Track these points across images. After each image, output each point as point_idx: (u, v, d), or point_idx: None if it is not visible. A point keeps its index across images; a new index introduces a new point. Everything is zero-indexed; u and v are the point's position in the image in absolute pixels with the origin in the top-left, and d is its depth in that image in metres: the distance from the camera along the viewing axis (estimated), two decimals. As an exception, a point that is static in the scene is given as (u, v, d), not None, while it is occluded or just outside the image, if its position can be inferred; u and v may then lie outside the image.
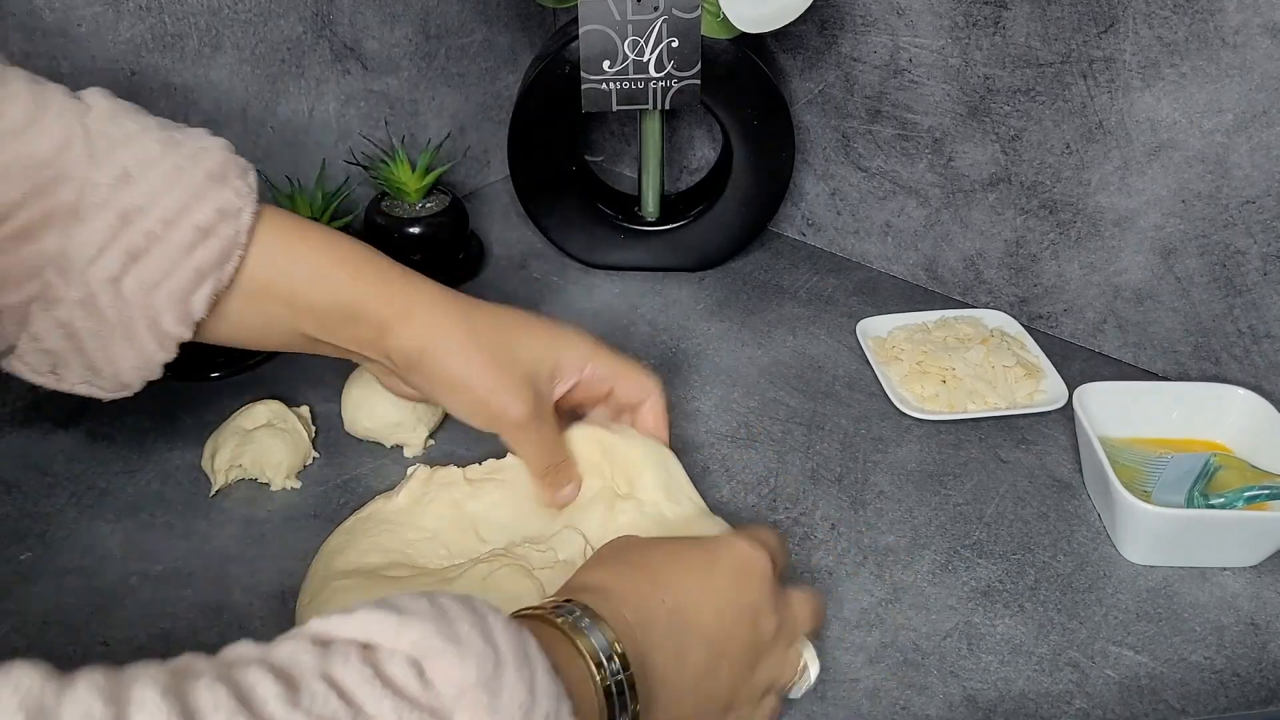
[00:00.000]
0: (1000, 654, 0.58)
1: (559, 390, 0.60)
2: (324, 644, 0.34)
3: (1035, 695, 0.56)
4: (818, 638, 0.56)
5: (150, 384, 0.68)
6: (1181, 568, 0.64)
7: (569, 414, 0.63)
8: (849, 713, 0.55)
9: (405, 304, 0.57)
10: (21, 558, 0.62)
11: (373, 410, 0.70)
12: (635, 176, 0.92)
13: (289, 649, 0.33)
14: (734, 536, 0.50)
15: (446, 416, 0.73)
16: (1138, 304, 0.79)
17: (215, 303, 0.54)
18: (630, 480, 0.61)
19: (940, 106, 0.83)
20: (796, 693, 0.53)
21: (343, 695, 0.32)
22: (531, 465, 0.60)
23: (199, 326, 0.54)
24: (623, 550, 0.49)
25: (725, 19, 0.76)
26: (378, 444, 0.71)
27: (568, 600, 0.43)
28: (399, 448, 0.71)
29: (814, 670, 0.53)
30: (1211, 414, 0.70)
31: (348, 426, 0.71)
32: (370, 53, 0.88)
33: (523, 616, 0.42)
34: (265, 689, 0.31)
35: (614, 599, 0.44)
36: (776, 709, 0.51)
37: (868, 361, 0.80)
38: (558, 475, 0.60)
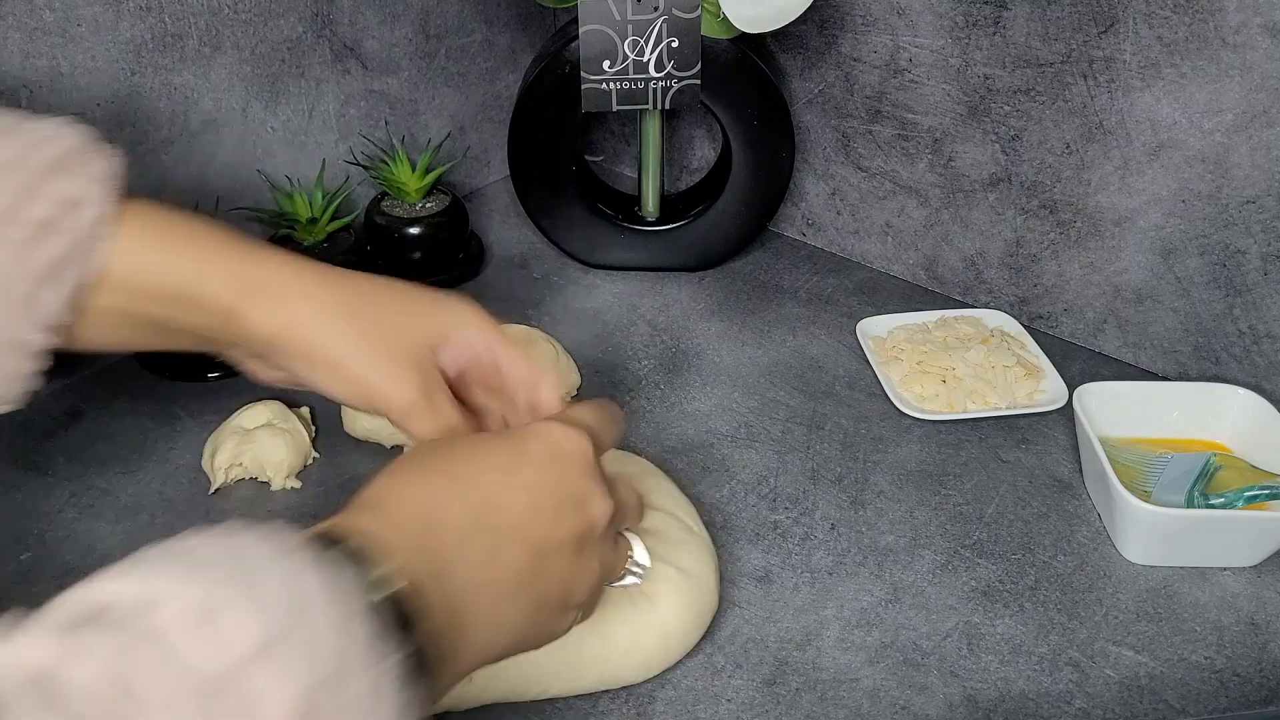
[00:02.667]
0: (1000, 654, 0.58)
1: (446, 363, 0.53)
2: (95, 615, 0.30)
3: (1035, 695, 0.56)
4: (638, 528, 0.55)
5: (149, 384, 0.67)
6: (1181, 568, 0.64)
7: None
8: (849, 713, 0.55)
9: (251, 284, 0.50)
10: (21, 558, 0.62)
11: (373, 410, 0.70)
12: (635, 176, 0.92)
13: (42, 646, 0.29)
14: (543, 423, 0.47)
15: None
16: (1138, 304, 0.79)
17: (79, 307, 0.48)
18: None
19: (940, 106, 0.83)
20: (628, 581, 0.53)
21: (121, 688, 0.28)
22: None
23: (68, 330, 0.49)
24: (420, 455, 0.46)
25: (725, 19, 0.76)
26: (378, 444, 0.71)
27: (321, 534, 0.38)
28: (399, 448, 0.71)
29: (644, 558, 0.53)
30: (1211, 414, 0.70)
31: (347, 427, 0.72)
32: (370, 53, 0.88)
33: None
34: (21, 704, 0.27)
35: (391, 510, 0.41)
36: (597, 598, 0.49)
37: (868, 361, 0.80)
38: None
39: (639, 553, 0.53)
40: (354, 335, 0.50)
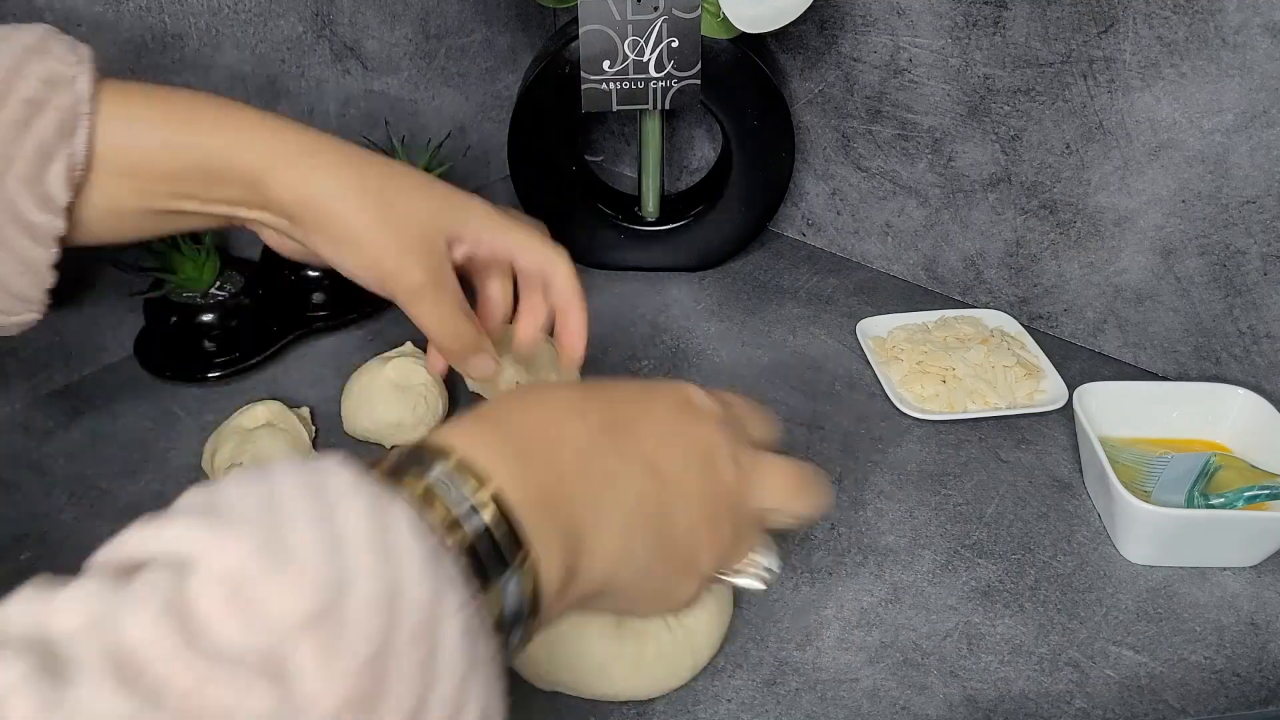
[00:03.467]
0: (1000, 654, 0.58)
1: (457, 255, 0.54)
2: (127, 573, 0.27)
3: (1035, 695, 0.56)
4: (801, 519, 0.46)
5: (149, 384, 0.67)
6: (1181, 568, 0.64)
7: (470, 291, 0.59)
8: (849, 713, 0.55)
9: (276, 151, 0.51)
10: (21, 557, 0.62)
11: (372, 411, 0.70)
12: (635, 176, 0.92)
13: (71, 611, 0.26)
14: (677, 381, 0.45)
15: (448, 416, 0.73)
16: (1138, 304, 0.79)
17: (77, 186, 0.49)
18: None
19: (940, 106, 0.83)
20: (745, 582, 0.45)
21: (130, 678, 0.25)
22: (435, 336, 0.55)
23: (72, 219, 0.50)
24: (542, 387, 0.45)
25: (725, 19, 0.76)
26: (377, 444, 0.71)
27: (418, 447, 0.36)
28: (399, 448, 0.71)
29: (772, 562, 0.45)
30: (1211, 414, 0.70)
31: (347, 427, 0.72)
32: (370, 53, 0.88)
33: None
34: (18, 698, 0.23)
35: (507, 425, 0.38)
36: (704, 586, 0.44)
37: (868, 361, 0.80)
38: (465, 347, 0.55)
39: (767, 556, 0.45)
40: (372, 213, 0.51)
